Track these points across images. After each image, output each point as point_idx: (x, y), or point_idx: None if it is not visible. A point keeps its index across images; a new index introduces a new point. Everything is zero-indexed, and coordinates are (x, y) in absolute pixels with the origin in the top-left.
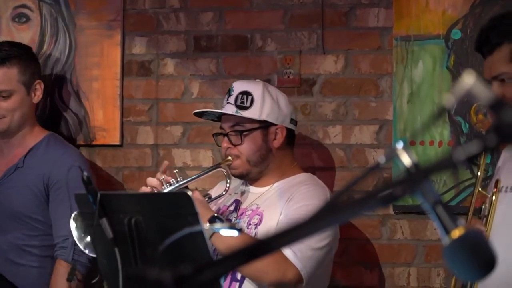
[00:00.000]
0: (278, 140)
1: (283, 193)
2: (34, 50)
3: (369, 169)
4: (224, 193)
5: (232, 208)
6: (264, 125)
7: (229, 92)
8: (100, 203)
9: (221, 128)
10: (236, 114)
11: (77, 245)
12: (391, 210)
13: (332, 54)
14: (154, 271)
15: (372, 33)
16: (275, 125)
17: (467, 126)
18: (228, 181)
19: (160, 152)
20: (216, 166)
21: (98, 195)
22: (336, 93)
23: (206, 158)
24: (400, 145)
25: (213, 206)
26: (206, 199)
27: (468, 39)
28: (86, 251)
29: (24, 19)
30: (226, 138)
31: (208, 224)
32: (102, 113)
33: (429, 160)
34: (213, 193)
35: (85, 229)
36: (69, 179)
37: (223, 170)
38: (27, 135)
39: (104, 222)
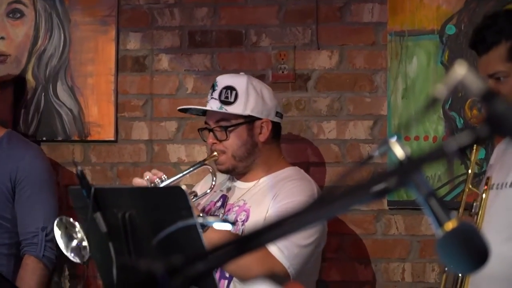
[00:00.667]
0: (264, 134)
1: (269, 189)
2: (28, 45)
3: (363, 161)
4: (209, 191)
5: (219, 204)
6: (249, 120)
7: (213, 87)
8: (94, 198)
9: (206, 123)
10: (220, 110)
11: (47, 242)
12: (385, 206)
13: (326, 49)
14: (146, 262)
15: (367, 29)
16: (260, 119)
17: (462, 121)
18: (214, 178)
19: (154, 148)
20: (201, 163)
21: (92, 190)
22: (330, 88)
23: (200, 153)
24: (393, 138)
25: (199, 204)
26: (192, 197)
27: (463, 34)
28: (71, 256)
29: (19, 15)
30: (211, 133)
31: (200, 218)
32: (97, 109)
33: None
34: (199, 188)
35: (69, 236)
36: (33, 174)
37: (209, 167)
38: None
39: (98, 216)
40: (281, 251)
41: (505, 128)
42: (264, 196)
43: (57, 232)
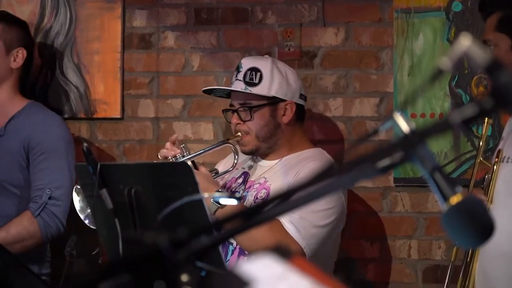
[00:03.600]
0: (287, 115)
1: (291, 168)
2: (34, 23)
3: (368, 135)
4: (231, 169)
5: (240, 180)
6: (273, 101)
7: (237, 69)
8: (100, 174)
9: (230, 105)
10: (245, 91)
11: (48, 205)
12: (391, 183)
13: (332, 26)
14: (151, 235)
15: (373, 6)
16: (284, 100)
17: (468, 98)
18: (236, 157)
19: (161, 125)
20: (224, 141)
21: (98, 166)
22: (336, 65)
23: (206, 131)
24: (398, 112)
25: (220, 181)
26: (213, 174)
27: (469, 11)
28: (86, 222)
29: None
30: (235, 114)
31: (207, 194)
32: (103, 86)
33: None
34: (221, 166)
35: (87, 202)
36: (47, 141)
37: (231, 145)
38: (6, 102)
39: (104, 192)
40: (298, 230)
41: (509, 100)
42: (286, 175)
43: (76, 198)
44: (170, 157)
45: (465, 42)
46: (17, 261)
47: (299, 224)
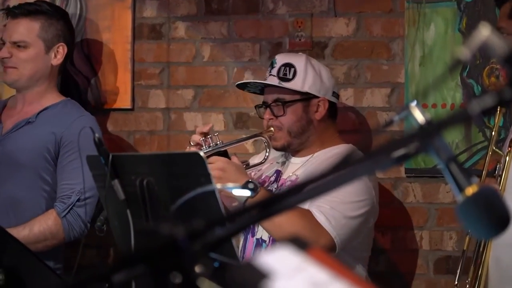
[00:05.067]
0: (320, 112)
1: (321, 164)
2: None
3: (383, 126)
4: (263, 161)
5: (273, 178)
6: (306, 97)
7: (271, 64)
8: (111, 165)
9: (264, 102)
10: (278, 85)
11: (76, 207)
12: (403, 174)
13: (343, 17)
14: (167, 226)
15: None
16: (317, 97)
17: (480, 88)
18: (268, 150)
19: (171, 116)
20: (257, 134)
21: (110, 157)
22: (347, 56)
23: (217, 121)
24: (413, 102)
25: (255, 175)
26: (244, 166)
27: (481, 1)
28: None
29: None
30: (268, 110)
31: (219, 185)
32: (113, 77)
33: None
34: (253, 161)
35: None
36: (81, 140)
37: (263, 139)
38: (43, 95)
39: (116, 183)
40: (329, 220)
41: None
42: (315, 170)
43: None
44: (204, 146)
45: (484, 31)
46: (30, 254)
47: (330, 215)
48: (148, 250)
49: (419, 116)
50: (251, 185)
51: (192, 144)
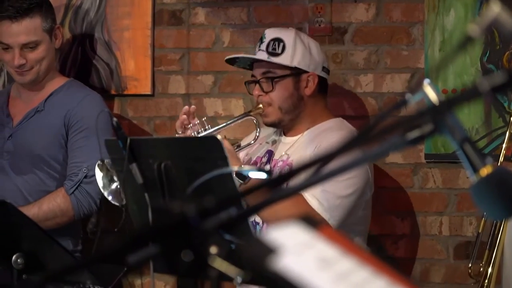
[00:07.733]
0: (309, 87)
1: (311, 141)
2: (65, 0)
3: (396, 105)
4: (253, 142)
5: (265, 159)
6: (296, 72)
7: (261, 39)
8: (129, 149)
9: (252, 76)
10: (267, 60)
11: (83, 183)
12: (422, 159)
13: (363, 2)
14: (179, 204)
15: None
16: (306, 72)
17: None
18: (258, 130)
19: (191, 102)
20: (246, 114)
21: (128, 141)
22: (367, 41)
23: (237, 107)
24: (426, 81)
25: (245, 156)
26: (235, 148)
27: None
28: (109, 198)
29: None
30: (257, 85)
31: (235, 167)
32: (133, 63)
33: (461, 108)
34: (244, 142)
35: (110, 178)
36: (86, 119)
37: (253, 118)
38: (48, 81)
39: (134, 167)
40: (321, 203)
41: None
42: (306, 148)
43: (98, 174)
44: (192, 132)
45: (494, 8)
46: (48, 237)
47: (322, 197)
48: (159, 229)
49: (432, 95)
50: (267, 167)
51: (179, 130)
